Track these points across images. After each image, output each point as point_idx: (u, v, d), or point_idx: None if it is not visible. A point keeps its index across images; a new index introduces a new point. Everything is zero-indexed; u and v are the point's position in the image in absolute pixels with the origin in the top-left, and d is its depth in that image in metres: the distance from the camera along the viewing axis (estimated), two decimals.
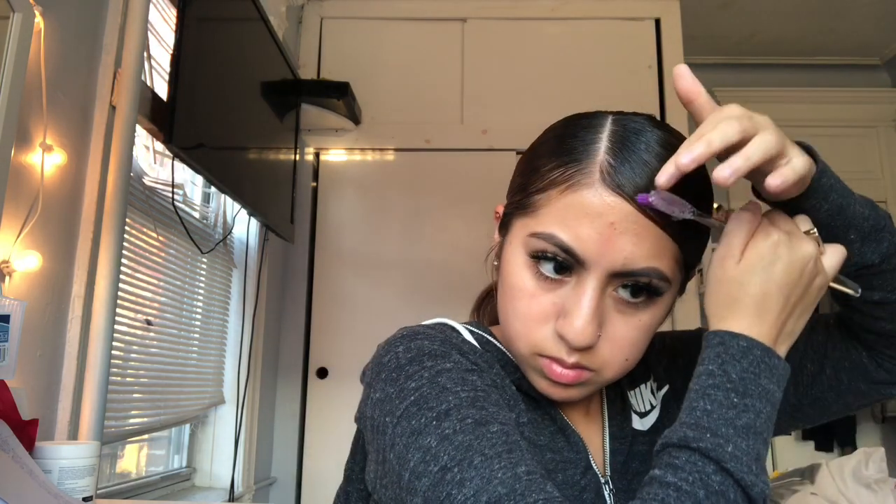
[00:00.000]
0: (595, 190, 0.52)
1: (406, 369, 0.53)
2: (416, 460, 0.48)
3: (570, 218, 0.53)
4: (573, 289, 0.54)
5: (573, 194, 0.53)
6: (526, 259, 0.56)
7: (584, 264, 0.53)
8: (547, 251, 0.54)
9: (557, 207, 0.53)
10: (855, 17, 3.20)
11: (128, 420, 1.55)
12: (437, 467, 0.47)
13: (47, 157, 1.18)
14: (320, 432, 2.52)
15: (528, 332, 0.56)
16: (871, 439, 3.20)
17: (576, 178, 0.53)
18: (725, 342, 0.49)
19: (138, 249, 1.58)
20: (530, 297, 0.55)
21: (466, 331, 0.61)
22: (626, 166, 0.52)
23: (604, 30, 2.83)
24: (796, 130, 3.10)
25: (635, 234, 0.52)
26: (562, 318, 0.54)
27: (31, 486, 0.85)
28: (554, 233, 0.53)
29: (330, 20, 2.85)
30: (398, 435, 0.51)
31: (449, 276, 2.56)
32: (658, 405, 0.67)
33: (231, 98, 1.82)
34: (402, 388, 0.52)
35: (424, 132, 2.72)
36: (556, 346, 0.55)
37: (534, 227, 0.55)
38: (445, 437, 0.48)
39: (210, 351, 2.04)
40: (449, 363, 0.54)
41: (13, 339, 0.95)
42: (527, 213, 0.56)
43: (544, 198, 0.55)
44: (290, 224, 2.36)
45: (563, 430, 0.60)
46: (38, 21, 1.12)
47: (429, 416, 0.50)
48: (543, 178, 0.55)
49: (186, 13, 1.49)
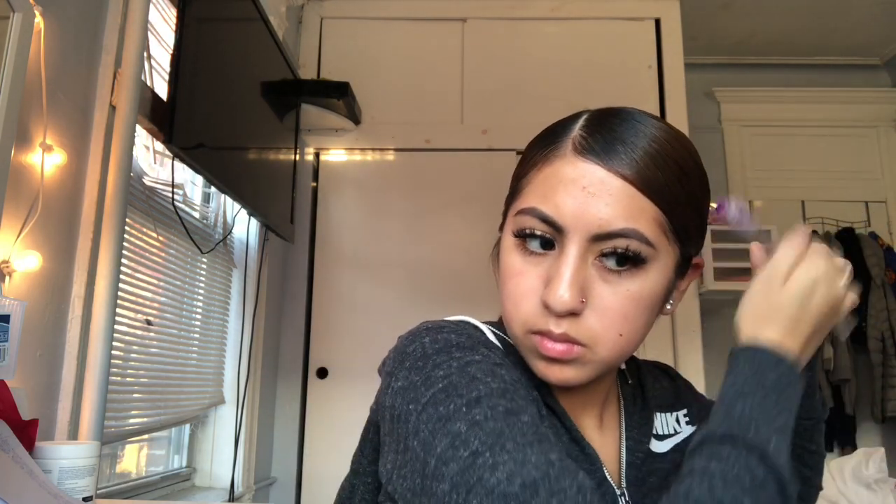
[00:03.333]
0: (567, 159, 0.55)
1: (433, 359, 0.54)
2: (445, 445, 0.48)
3: (547, 189, 0.55)
4: (555, 259, 0.55)
5: (549, 167, 0.56)
6: (514, 240, 0.58)
7: (563, 231, 0.54)
8: (527, 226, 0.56)
9: (536, 183, 0.57)
10: (855, 17, 3.20)
11: (128, 420, 1.55)
12: (467, 452, 0.46)
13: (47, 157, 1.18)
14: (320, 432, 2.52)
15: (517, 309, 0.56)
16: (871, 439, 3.20)
17: (552, 153, 0.57)
18: (761, 350, 0.52)
19: (138, 249, 1.58)
20: (518, 274, 0.56)
21: (489, 331, 0.62)
22: (596, 135, 0.55)
23: (604, 30, 2.83)
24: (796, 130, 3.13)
25: (609, 195, 0.53)
26: (545, 288, 0.54)
27: (31, 486, 0.85)
28: (534, 205, 0.55)
29: (330, 20, 2.85)
30: (423, 421, 0.50)
31: (449, 275, 2.56)
32: (682, 432, 0.69)
33: (231, 98, 1.82)
34: (428, 375, 0.52)
35: (424, 132, 2.72)
36: (543, 319, 0.55)
37: (518, 206, 0.57)
38: (476, 423, 0.48)
39: (210, 351, 2.04)
40: (478, 356, 0.54)
41: (13, 339, 0.95)
42: (514, 199, 0.59)
43: (526, 179, 0.58)
44: (290, 224, 2.36)
45: (577, 441, 0.60)
46: (38, 21, 1.12)
47: (458, 403, 0.49)
48: (527, 163, 0.59)
49: (186, 13, 1.49)
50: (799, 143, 3.49)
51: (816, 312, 0.54)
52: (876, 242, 3.26)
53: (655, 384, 0.71)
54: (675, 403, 0.71)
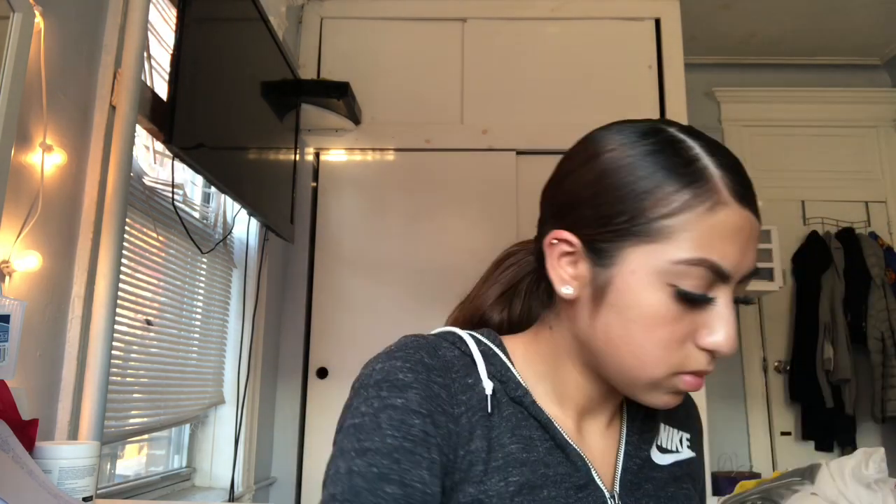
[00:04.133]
0: (732, 208, 0.55)
1: (368, 391, 0.57)
2: (329, 475, 0.55)
3: (715, 239, 0.54)
4: (713, 303, 0.56)
5: (714, 215, 0.54)
6: (664, 286, 0.55)
7: (726, 279, 0.55)
8: (692, 276, 0.55)
9: (701, 230, 0.54)
10: (855, 17, 3.20)
11: (128, 420, 1.55)
12: (331, 490, 0.54)
13: (47, 157, 1.18)
14: (320, 432, 2.52)
15: (670, 355, 0.56)
16: (871, 439, 3.20)
17: (710, 197, 0.54)
18: None
19: (138, 249, 1.58)
20: (673, 322, 0.55)
21: (473, 343, 0.63)
22: (741, 178, 0.56)
23: (604, 30, 2.83)
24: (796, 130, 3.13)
25: (757, 241, 0.57)
26: (706, 332, 0.56)
27: (31, 486, 0.86)
28: (705, 256, 0.54)
29: (330, 20, 2.85)
30: (336, 443, 0.57)
31: (449, 275, 2.56)
32: (682, 453, 0.70)
33: (231, 98, 1.82)
34: (357, 407, 0.57)
35: (424, 132, 2.72)
36: (700, 360, 0.57)
37: (675, 253, 0.54)
38: (350, 472, 0.54)
39: (210, 351, 2.04)
40: (400, 399, 0.56)
41: (13, 339, 0.95)
42: (655, 241, 0.55)
43: (679, 222, 0.54)
44: (290, 224, 2.36)
45: (561, 447, 0.61)
46: (38, 21, 1.12)
47: (353, 445, 0.55)
48: (668, 202, 0.55)
49: (186, 13, 1.49)
50: (799, 143, 3.49)
51: None
52: (876, 242, 3.26)
53: None
54: (682, 423, 0.72)
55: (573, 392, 0.64)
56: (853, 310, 3.17)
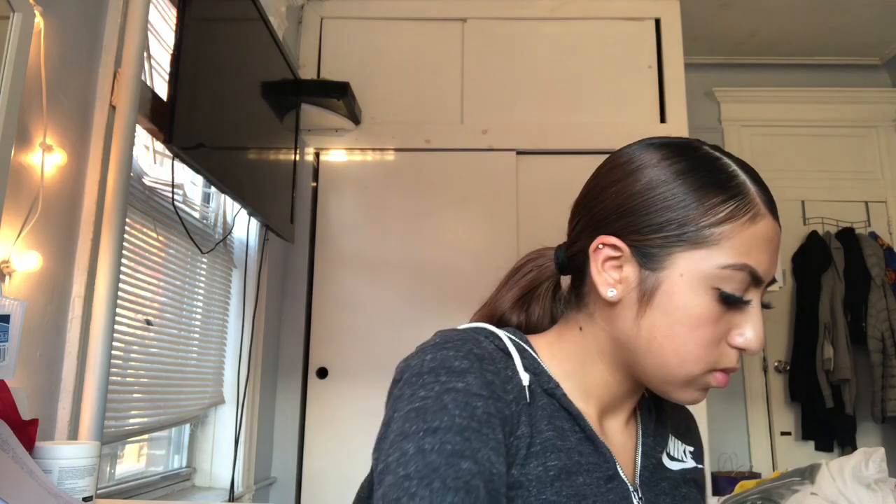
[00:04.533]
0: (768, 219, 0.61)
1: (424, 377, 0.58)
2: (393, 459, 0.54)
3: (754, 247, 0.60)
4: (749, 305, 0.61)
5: (755, 225, 0.60)
6: (709, 289, 0.60)
7: (759, 284, 0.61)
8: (734, 280, 0.60)
9: (743, 238, 0.60)
10: (855, 17, 3.20)
11: (128, 420, 1.55)
12: (403, 472, 0.52)
13: (47, 157, 1.18)
14: (320, 432, 2.52)
15: (709, 353, 0.61)
16: (871, 439, 3.20)
17: (751, 209, 0.61)
18: None
19: (138, 249, 1.58)
20: (714, 322, 0.60)
21: (508, 338, 0.65)
22: (768, 193, 0.63)
23: (604, 30, 2.83)
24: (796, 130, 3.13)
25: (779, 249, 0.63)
26: (738, 333, 0.61)
27: (31, 486, 0.86)
28: (746, 262, 0.60)
29: (330, 20, 2.85)
30: (393, 431, 0.56)
31: (449, 275, 2.56)
32: (687, 463, 0.74)
33: (231, 98, 1.82)
34: (414, 392, 0.57)
35: (424, 132, 2.72)
36: (731, 358, 0.62)
37: (721, 259, 0.60)
38: (421, 451, 0.53)
39: (210, 351, 2.04)
40: (461, 383, 0.57)
41: (13, 339, 0.95)
42: (705, 247, 0.60)
43: (727, 231, 0.60)
44: (290, 224, 2.36)
45: (591, 439, 0.64)
46: (38, 21, 1.12)
47: (419, 426, 0.55)
48: (717, 212, 0.61)
49: (186, 13, 1.49)
50: (799, 143, 3.49)
51: None
52: (876, 242, 3.26)
53: (674, 410, 0.77)
54: (686, 436, 0.76)
55: (599, 390, 0.67)
56: (853, 310, 3.17)
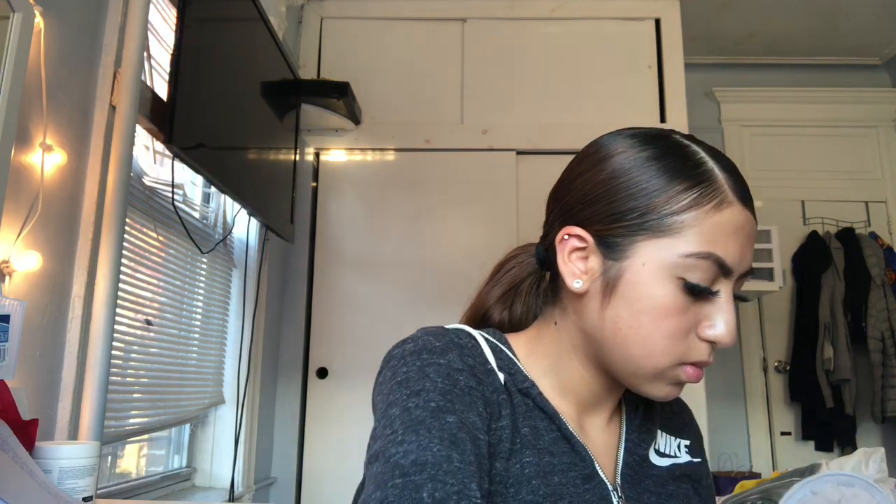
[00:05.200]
0: (736, 207, 0.58)
1: (406, 359, 0.59)
2: (380, 426, 0.55)
3: (720, 235, 0.58)
4: (716, 297, 0.59)
5: (720, 213, 0.58)
6: (673, 278, 0.58)
7: (729, 274, 0.58)
8: (699, 269, 0.58)
9: (708, 226, 0.58)
10: (855, 17, 3.20)
11: (128, 420, 1.55)
12: (389, 431, 0.53)
13: (47, 157, 1.18)
14: (320, 432, 2.52)
15: (675, 345, 0.59)
16: (871, 439, 3.20)
17: (717, 196, 0.58)
18: None
19: (138, 249, 1.58)
20: (679, 313, 0.58)
21: (482, 338, 0.64)
22: (740, 180, 0.60)
23: (604, 30, 2.83)
24: (796, 130, 3.12)
25: (754, 240, 0.61)
26: (707, 325, 0.59)
27: (31, 486, 0.85)
28: (711, 251, 0.57)
29: (330, 20, 2.85)
30: (378, 406, 0.58)
31: (449, 275, 2.56)
32: (680, 458, 0.71)
33: (231, 98, 1.82)
34: (395, 371, 0.58)
35: (424, 132, 2.72)
36: (701, 351, 0.60)
37: (684, 247, 0.58)
38: (406, 410, 0.54)
39: (210, 351, 2.04)
40: (442, 360, 0.58)
41: (13, 339, 0.95)
42: (666, 235, 0.58)
43: (689, 219, 0.58)
44: (290, 224, 2.36)
45: (567, 438, 0.63)
46: (38, 21, 1.12)
47: (404, 393, 0.55)
48: (679, 199, 0.58)
49: (186, 13, 1.49)
50: (799, 143, 3.49)
51: None
52: (876, 242, 3.26)
53: (665, 406, 0.75)
54: (680, 431, 0.74)
55: (576, 386, 0.66)
56: (853, 310, 3.17)
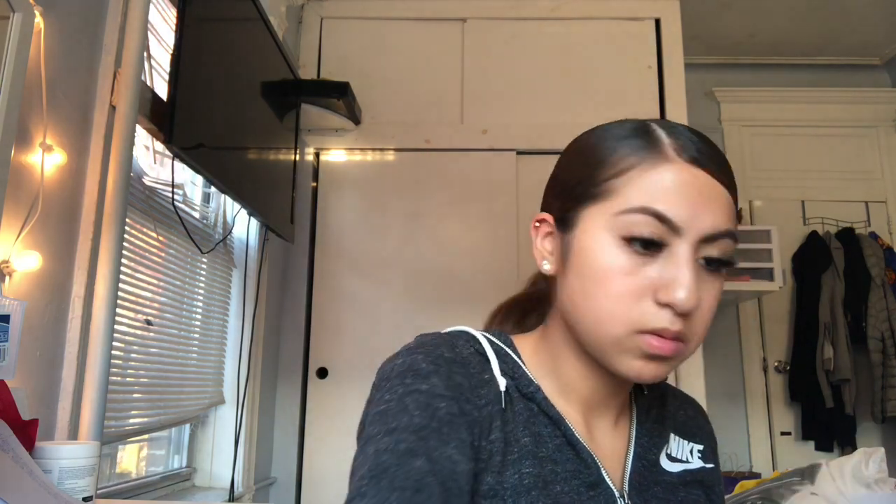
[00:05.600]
0: (677, 164, 0.56)
1: (391, 381, 0.58)
2: (357, 463, 0.54)
3: (659, 191, 0.56)
4: (669, 258, 0.56)
5: (656, 171, 0.56)
6: (614, 240, 0.57)
7: (678, 231, 0.55)
8: (640, 224, 0.55)
9: (644, 184, 0.56)
10: (855, 17, 3.20)
11: (128, 420, 1.55)
12: (359, 473, 0.52)
13: (47, 157, 1.18)
14: (320, 432, 2.52)
15: (626, 310, 0.56)
16: (871, 439, 3.20)
17: (654, 157, 0.57)
18: None
19: (138, 249, 1.58)
20: (626, 274, 0.56)
21: (485, 339, 0.63)
22: (690, 143, 0.58)
23: (604, 30, 2.83)
24: (796, 130, 3.13)
25: (717, 200, 0.56)
26: (663, 289, 0.55)
27: (31, 486, 0.85)
28: (646, 204, 0.55)
29: (330, 20, 2.85)
30: (361, 436, 0.57)
31: (449, 275, 2.56)
32: (692, 464, 0.69)
33: (231, 98, 1.82)
34: (380, 397, 0.57)
35: (424, 132, 2.72)
36: (659, 318, 0.55)
37: (621, 206, 0.57)
38: (377, 452, 0.53)
39: (210, 351, 2.04)
40: (425, 385, 0.57)
41: (13, 339, 0.95)
42: (604, 199, 0.58)
43: (624, 180, 0.57)
44: (290, 224, 2.36)
45: (572, 444, 0.61)
46: (38, 21, 1.12)
47: (380, 429, 0.54)
48: (616, 165, 0.58)
49: (186, 13, 1.49)
50: (799, 143, 3.49)
51: None
52: (876, 242, 3.26)
53: (679, 409, 0.73)
54: (693, 435, 0.72)
55: (577, 384, 0.64)
56: (853, 310, 3.17)
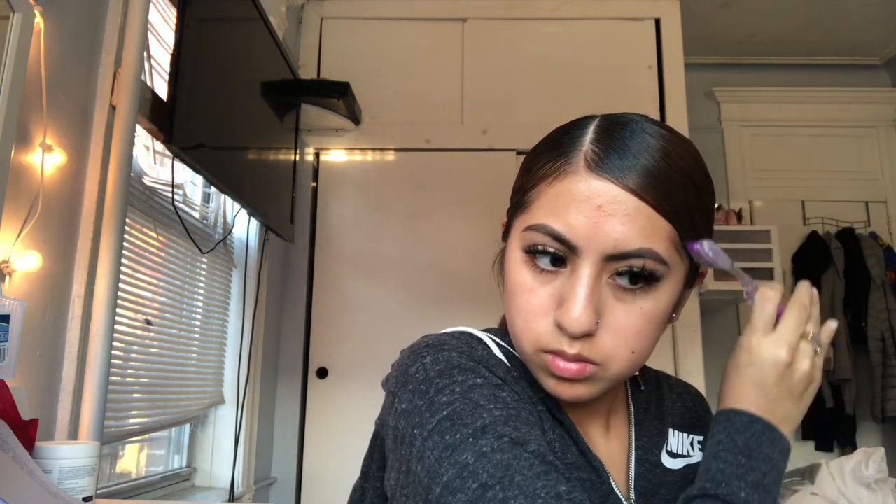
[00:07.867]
0: (580, 176, 0.53)
1: (436, 382, 0.53)
2: (452, 475, 0.48)
3: (558, 206, 0.53)
4: (568, 278, 0.54)
5: (559, 183, 0.54)
6: (522, 255, 0.56)
7: (576, 250, 0.53)
8: (539, 242, 0.54)
9: (547, 198, 0.54)
10: (855, 17, 3.20)
11: (128, 420, 1.55)
12: (476, 484, 0.47)
13: (47, 157, 1.18)
14: (320, 432, 2.52)
15: (529, 327, 0.55)
16: (871, 439, 3.20)
17: (562, 168, 0.54)
18: (731, 417, 0.54)
19: (138, 249, 1.58)
20: (529, 291, 0.55)
21: (492, 342, 0.61)
22: (609, 151, 0.53)
23: (604, 30, 2.83)
24: (796, 130, 3.13)
25: (624, 215, 0.52)
26: (559, 308, 0.53)
27: (31, 486, 0.85)
28: (544, 222, 0.54)
29: (330, 20, 2.85)
30: (429, 448, 0.50)
31: (449, 276, 2.56)
32: (694, 456, 0.68)
33: (231, 98, 1.82)
34: (432, 401, 0.52)
35: (424, 132, 2.72)
36: (556, 339, 0.54)
37: (528, 220, 0.56)
38: (483, 455, 0.48)
39: (210, 351, 2.04)
40: (479, 378, 0.54)
41: (13, 339, 0.95)
42: (522, 212, 0.57)
43: (535, 193, 0.56)
44: (290, 224, 2.36)
45: (584, 453, 0.59)
46: (38, 21, 1.12)
47: (464, 433, 0.49)
48: (535, 174, 0.57)
49: (186, 13, 1.49)
50: (799, 143, 3.49)
51: (781, 381, 0.54)
52: (876, 242, 3.26)
53: (676, 402, 0.71)
54: (693, 427, 0.70)
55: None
56: (853, 310, 3.17)
